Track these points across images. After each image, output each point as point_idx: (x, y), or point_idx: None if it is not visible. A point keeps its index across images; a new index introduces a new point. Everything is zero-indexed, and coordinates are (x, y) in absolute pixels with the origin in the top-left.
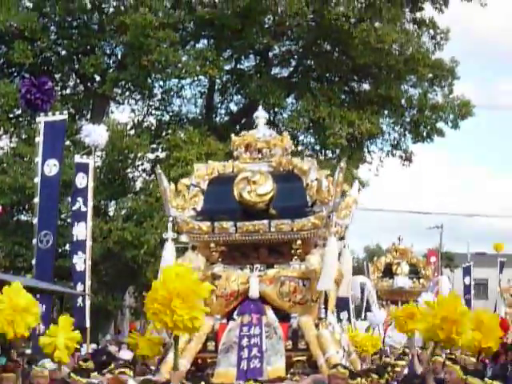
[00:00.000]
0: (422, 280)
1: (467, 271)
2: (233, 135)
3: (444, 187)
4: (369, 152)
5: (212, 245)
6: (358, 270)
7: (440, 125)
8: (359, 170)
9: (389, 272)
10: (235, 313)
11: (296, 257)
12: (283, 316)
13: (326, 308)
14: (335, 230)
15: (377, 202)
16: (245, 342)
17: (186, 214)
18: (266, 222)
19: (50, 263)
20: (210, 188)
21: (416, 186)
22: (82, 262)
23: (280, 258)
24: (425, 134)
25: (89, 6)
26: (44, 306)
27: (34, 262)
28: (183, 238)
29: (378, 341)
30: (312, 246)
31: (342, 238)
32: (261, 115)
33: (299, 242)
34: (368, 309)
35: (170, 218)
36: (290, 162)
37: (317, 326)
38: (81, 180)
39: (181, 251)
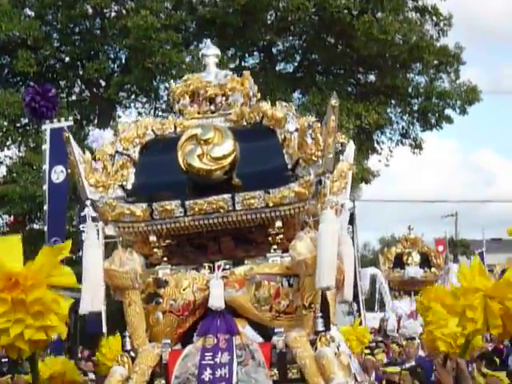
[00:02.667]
0: (433, 269)
1: (481, 257)
2: (172, 82)
3: (456, 174)
4: (378, 143)
5: (152, 237)
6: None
7: (448, 111)
8: (369, 161)
9: (400, 262)
10: (195, 334)
11: (275, 246)
12: (263, 333)
13: (324, 317)
14: (331, 202)
15: (390, 193)
16: (207, 374)
17: (110, 194)
18: (227, 196)
19: None
20: (144, 156)
21: (428, 174)
22: None
23: (252, 249)
24: (433, 121)
25: (90, 11)
26: None
27: None
28: (109, 231)
29: (365, 334)
30: (297, 228)
31: None
32: (210, 52)
33: (278, 222)
34: (381, 300)
35: (88, 202)
36: (257, 108)
37: (313, 343)
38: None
39: (107, 250)
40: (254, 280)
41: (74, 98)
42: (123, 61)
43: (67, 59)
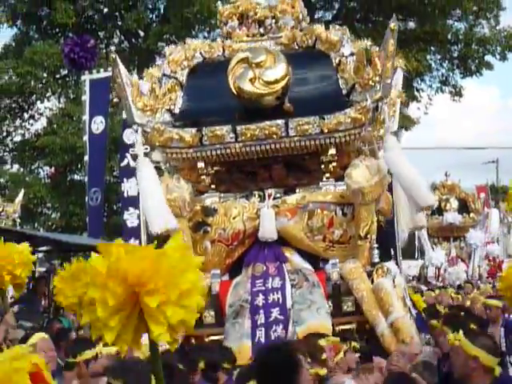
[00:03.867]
0: (472, 214)
1: None
2: (219, 3)
3: (497, 121)
4: (417, 90)
5: (200, 163)
6: None
7: (488, 58)
8: (409, 109)
9: (438, 209)
10: (243, 262)
11: (328, 174)
12: (316, 264)
13: (381, 248)
14: (391, 128)
15: (430, 140)
16: (260, 300)
17: (158, 118)
18: (281, 121)
19: (100, 220)
20: (193, 79)
21: (468, 121)
22: (133, 217)
23: (304, 177)
24: (473, 67)
25: None
26: None
27: (87, 220)
28: (155, 156)
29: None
30: (352, 156)
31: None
32: None
33: (332, 149)
34: (421, 248)
35: (136, 127)
36: (310, 31)
37: (369, 274)
38: (129, 136)
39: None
40: (307, 209)
41: (112, 48)
42: (161, 11)
43: (106, 10)
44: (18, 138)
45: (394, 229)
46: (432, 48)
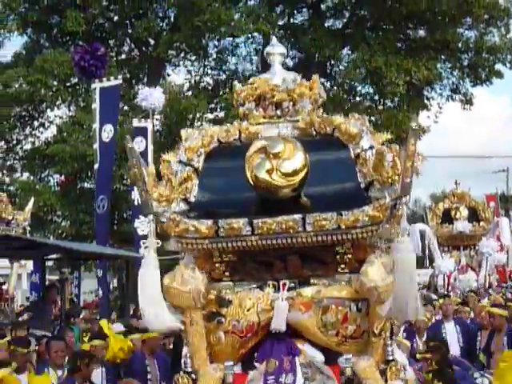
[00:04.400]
0: (482, 223)
1: None
2: (236, 82)
3: (507, 129)
4: (428, 98)
5: (216, 254)
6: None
7: (498, 66)
8: (419, 117)
9: (448, 217)
10: (256, 357)
11: (343, 265)
12: (329, 358)
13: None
14: (406, 229)
15: (440, 149)
16: None
17: (173, 208)
18: (298, 216)
19: (107, 228)
20: (209, 167)
21: (478, 129)
22: (143, 225)
23: (319, 268)
24: (483, 76)
25: None
26: (101, 271)
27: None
28: (171, 246)
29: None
30: (368, 250)
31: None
32: (275, 50)
33: (349, 244)
34: (430, 256)
35: (151, 217)
36: (329, 121)
37: (383, 373)
38: (139, 144)
39: (167, 266)
40: (322, 304)
41: (123, 56)
42: (172, 19)
43: (116, 18)
44: (28, 146)
45: None
46: (442, 56)
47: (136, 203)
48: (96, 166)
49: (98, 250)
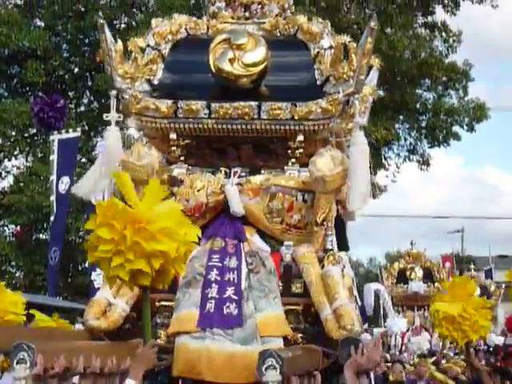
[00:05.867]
0: (436, 284)
1: (489, 274)
2: None
3: (462, 190)
4: (385, 158)
5: (173, 135)
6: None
7: (456, 128)
8: (377, 177)
9: (403, 277)
10: (203, 234)
11: (294, 159)
12: (271, 245)
13: (339, 238)
14: (359, 123)
15: (397, 208)
16: (213, 275)
17: (137, 86)
18: (254, 103)
19: (57, 280)
20: (175, 53)
21: (434, 189)
22: (100, 278)
23: (270, 159)
24: (441, 138)
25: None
26: None
27: None
28: (130, 123)
29: None
30: (318, 145)
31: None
32: None
33: (301, 136)
34: (385, 316)
35: (114, 92)
36: (293, 21)
37: (321, 260)
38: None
39: (126, 143)
40: (269, 191)
41: (82, 108)
42: None
43: (76, 70)
44: None
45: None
46: (401, 117)
47: None
48: (52, 218)
49: (50, 302)
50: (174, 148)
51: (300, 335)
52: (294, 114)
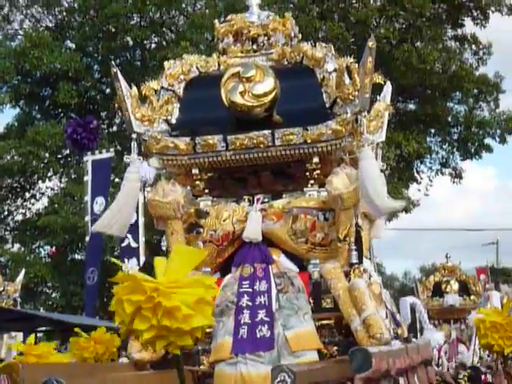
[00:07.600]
0: (472, 297)
1: None
2: (216, 21)
3: (496, 201)
4: (418, 172)
5: (195, 170)
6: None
7: (487, 140)
8: (409, 190)
9: (438, 291)
10: (232, 263)
11: (312, 181)
12: (299, 265)
13: (358, 251)
14: (368, 140)
15: (430, 221)
16: (244, 301)
17: (155, 127)
18: (267, 132)
19: (96, 300)
20: (188, 92)
21: (468, 202)
22: None
23: (290, 183)
24: (473, 150)
25: (131, 42)
26: None
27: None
28: (153, 163)
29: None
30: (334, 164)
31: None
32: None
33: (316, 158)
34: (421, 330)
35: (134, 136)
36: (298, 49)
37: (347, 274)
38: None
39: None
40: (292, 213)
41: (114, 128)
42: None
43: (108, 90)
44: (19, 218)
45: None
46: (432, 130)
47: None
48: (87, 238)
49: (88, 322)
50: (197, 182)
51: (335, 348)
52: (307, 138)
